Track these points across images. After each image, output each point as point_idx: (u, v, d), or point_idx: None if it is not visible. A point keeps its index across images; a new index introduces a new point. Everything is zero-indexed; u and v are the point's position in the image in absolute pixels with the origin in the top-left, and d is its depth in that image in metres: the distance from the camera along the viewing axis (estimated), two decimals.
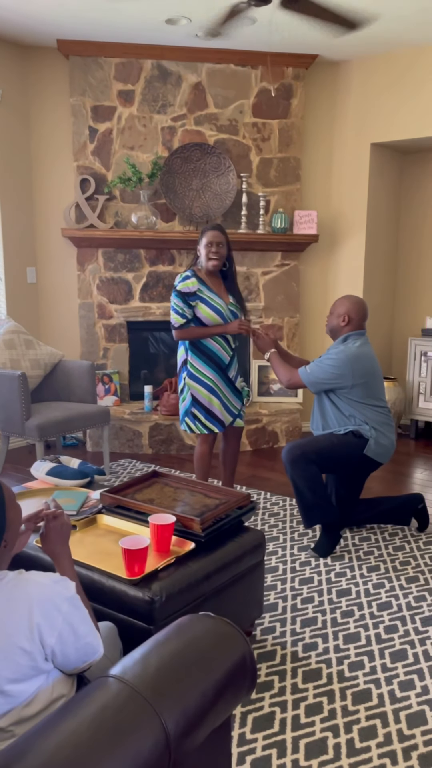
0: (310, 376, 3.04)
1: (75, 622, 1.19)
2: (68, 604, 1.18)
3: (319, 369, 3.02)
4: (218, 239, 3.19)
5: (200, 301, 3.19)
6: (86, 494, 2.38)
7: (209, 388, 3.24)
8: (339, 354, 3.00)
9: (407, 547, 3.12)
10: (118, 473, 4.12)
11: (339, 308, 3.11)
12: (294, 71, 4.63)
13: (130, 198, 4.60)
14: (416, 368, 4.93)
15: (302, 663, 2.21)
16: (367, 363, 3.03)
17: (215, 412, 3.26)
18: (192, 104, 4.57)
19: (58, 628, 1.16)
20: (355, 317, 3.08)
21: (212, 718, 1.19)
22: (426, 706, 2.00)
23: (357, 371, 2.98)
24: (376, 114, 4.64)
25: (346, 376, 2.97)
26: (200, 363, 3.24)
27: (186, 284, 3.18)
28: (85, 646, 1.21)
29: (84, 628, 1.21)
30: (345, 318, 3.08)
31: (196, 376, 3.25)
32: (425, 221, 5.19)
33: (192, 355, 3.25)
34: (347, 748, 1.83)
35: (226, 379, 3.29)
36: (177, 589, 1.88)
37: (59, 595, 1.18)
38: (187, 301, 3.18)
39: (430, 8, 3.70)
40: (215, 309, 3.20)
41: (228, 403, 3.31)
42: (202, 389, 3.24)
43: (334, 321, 3.12)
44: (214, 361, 3.25)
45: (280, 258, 4.84)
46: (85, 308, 4.71)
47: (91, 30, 4.12)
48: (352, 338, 3.08)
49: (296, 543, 3.16)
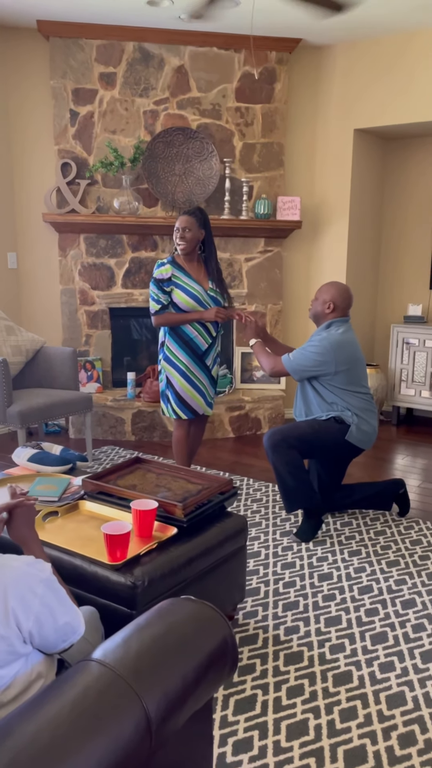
0: (293, 363, 3.04)
1: (52, 603, 1.19)
2: (44, 586, 1.18)
3: (302, 356, 3.02)
4: (184, 224, 3.18)
5: (176, 287, 3.20)
6: (68, 481, 2.37)
7: (182, 372, 3.26)
8: (322, 341, 3.00)
9: (388, 532, 3.15)
10: (101, 460, 4.11)
11: (324, 294, 3.11)
12: (277, 55, 4.59)
13: (112, 183, 4.56)
14: (398, 355, 4.95)
15: (284, 646, 2.23)
16: (350, 350, 3.03)
17: (185, 397, 3.28)
18: (174, 88, 4.52)
19: (34, 611, 1.15)
20: (340, 305, 3.09)
21: (193, 700, 1.20)
22: (405, 687, 2.03)
23: (340, 358, 2.99)
24: (360, 100, 4.62)
25: (329, 363, 2.98)
26: (176, 347, 3.25)
27: (160, 271, 3.21)
28: (65, 626, 1.21)
29: (62, 609, 1.21)
30: (330, 305, 3.08)
31: (171, 359, 3.27)
32: (407, 208, 5.20)
33: (169, 339, 3.28)
34: (328, 729, 1.85)
35: (202, 366, 3.30)
36: (159, 573, 1.88)
37: (34, 578, 1.17)
38: (161, 287, 3.20)
39: None
40: (191, 295, 3.20)
41: (204, 390, 3.32)
42: (175, 373, 3.26)
43: (319, 307, 3.12)
44: (190, 347, 3.26)
45: (263, 244, 4.83)
46: (67, 294, 4.66)
47: (72, 11, 4.05)
48: (335, 325, 3.09)
49: (279, 528, 3.18)
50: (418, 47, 4.32)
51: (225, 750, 1.76)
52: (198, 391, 3.30)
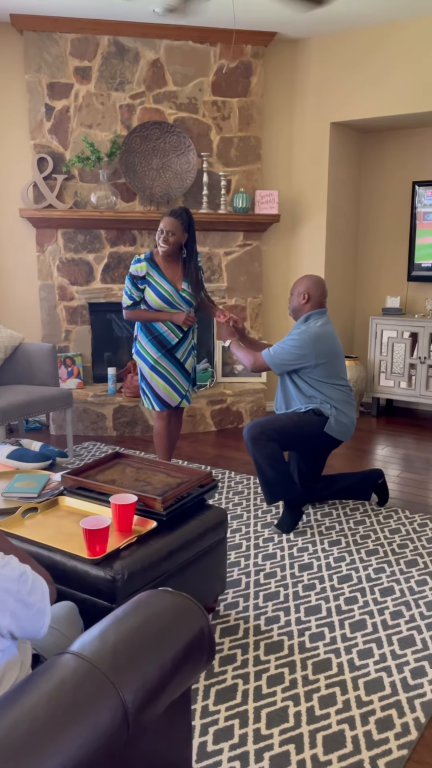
0: (274, 358, 3.07)
1: (25, 595, 1.20)
2: (16, 583, 1.19)
3: (283, 351, 3.04)
4: (169, 227, 3.16)
5: (148, 286, 3.23)
6: (47, 477, 2.38)
7: (151, 366, 3.31)
8: (301, 334, 3.03)
9: (368, 522, 3.19)
10: (82, 456, 4.11)
11: (299, 287, 3.14)
12: (253, 49, 4.60)
13: (89, 177, 4.54)
14: (377, 347, 5.00)
15: (264, 636, 2.26)
16: (329, 342, 3.06)
17: (157, 390, 3.32)
18: (150, 82, 4.50)
19: (10, 609, 1.17)
20: (314, 294, 3.12)
21: (171, 690, 1.22)
22: (383, 673, 2.07)
23: (319, 351, 3.01)
24: (336, 93, 4.64)
25: (309, 356, 3.00)
26: (146, 341, 3.30)
27: (136, 267, 3.24)
28: (38, 613, 1.23)
29: (33, 597, 1.22)
30: (305, 296, 3.11)
31: (141, 353, 3.33)
32: (384, 200, 5.23)
33: (140, 332, 3.34)
34: (307, 715, 1.88)
35: (172, 359, 3.32)
36: (139, 567, 1.89)
37: (7, 579, 1.19)
38: (135, 284, 3.23)
39: None
40: (161, 295, 3.23)
41: (176, 383, 3.35)
42: (145, 366, 3.33)
43: (295, 300, 3.16)
44: (160, 341, 3.29)
45: (242, 238, 4.84)
46: (45, 290, 4.64)
47: (46, 4, 4.01)
48: (313, 317, 3.12)
49: (259, 520, 3.21)
50: (393, 40, 4.35)
51: (206, 739, 1.79)
52: (169, 384, 3.33)
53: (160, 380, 3.31)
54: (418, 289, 5.14)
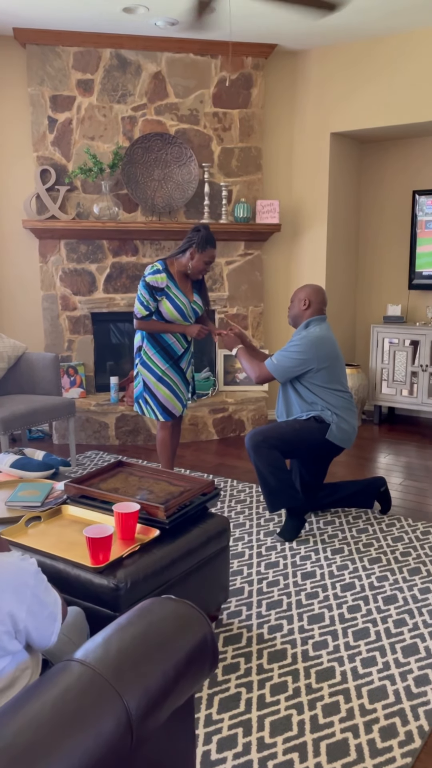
0: (277, 366, 3.07)
1: (40, 593, 1.23)
2: (34, 579, 1.22)
3: (285, 358, 3.06)
4: (215, 259, 3.29)
5: (166, 298, 3.22)
6: (51, 486, 2.39)
7: (158, 377, 3.31)
8: (302, 339, 3.05)
9: (370, 530, 3.19)
10: (85, 465, 4.12)
11: (299, 294, 3.18)
12: (253, 61, 4.64)
13: (91, 189, 4.57)
14: (379, 355, 5.01)
15: (267, 644, 2.26)
16: (329, 347, 3.08)
17: (163, 401, 3.32)
18: (152, 94, 4.55)
19: (27, 603, 1.19)
20: (314, 300, 3.15)
21: (174, 697, 1.22)
22: (387, 681, 2.07)
23: (321, 355, 3.03)
24: (336, 103, 4.68)
25: (311, 360, 3.02)
26: (153, 352, 3.29)
27: (156, 278, 3.20)
28: (50, 616, 1.25)
29: (48, 599, 1.25)
30: (306, 302, 3.15)
31: (148, 364, 3.31)
32: (384, 209, 5.26)
33: (147, 344, 3.31)
34: (311, 724, 1.88)
35: (177, 369, 3.35)
36: (142, 575, 1.90)
37: (26, 572, 1.21)
38: (153, 294, 3.20)
39: None
40: (178, 308, 3.25)
41: (179, 393, 3.37)
42: (152, 378, 3.31)
43: (296, 307, 3.19)
44: (168, 352, 3.31)
45: (243, 247, 4.87)
46: (48, 300, 4.67)
47: (48, 18, 4.06)
48: (313, 323, 3.14)
49: (262, 528, 3.21)
50: (393, 51, 4.39)
51: (209, 748, 1.79)
52: (174, 394, 3.35)
53: (167, 391, 3.32)
54: (419, 297, 5.16)
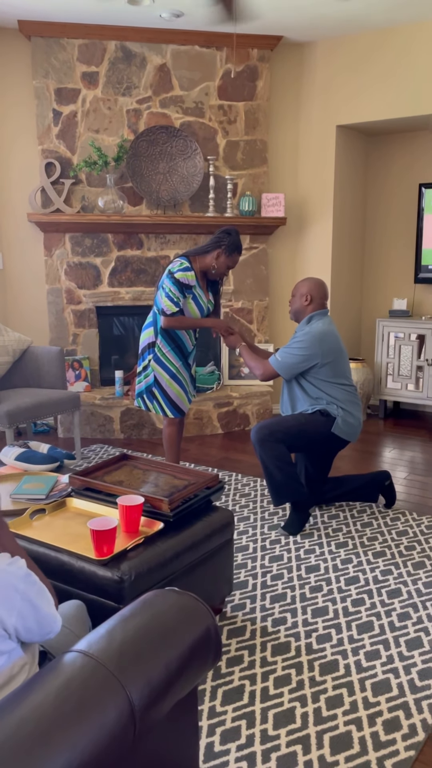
0: (282, 363, 3.07)
1: (32, 597, 1.21)
2: (23, 583, 1.20)
3: (289, 354, 3.05)
4: (236, 265, 3.31)
5: (191, 297, 3.23)
6: (55, 478, 2.39)
7: (172, 374, 3.31)
8: (306, 335, 3.04)
9: (375, 523, 3.19)
10: (90, 458, 4.13)
11: (301, 289, 3.17)
12: (259, 53, 4.61)
13: (96, 182, 4.56)
14: (384, 349, 5.00)
15: (271, 637, 2.26)
16: (333, 341, 3.08)
17: (173, 398, 3.33)
18: (157, 86, 4.53)
19: (17, 608, 1.18)
20: (316, 295, 3.14)
21: (177, 689, 1.22)
22: (391, 675, 2.07)
23: (325, 349, 3.03)
24: (342, 96, 4.65)
25: (315, 355, 3.01)
26: (168, 349, 3.28)
27: (186, 275, 3.18)
28: (47, 617, 1.24)
29: (42, 602, 1.23)
30: (307, 297, 3.14)
31: (162, 361, 3.29)
32: (391, 202, 5.24)
33: (161, 340, 3.28)
34: (314, 716, 1.88)
35: (186, 365, 3.38)
36: (146, 568, 1.90)
37: (14, 576, 1.20)
38: (183, 291, 3.19)
39: None
40: (200, 307, 3.29)
41: (188, 389, 3.40)
42: (165, 374, 3.30)
43: (297, 302, 3.18)
44: (180, 348, 3.32)
45: (248, 241, 4.85)
46: (53, 294, 4.67)
47: (53, 10, 4.05)
48: (315, 318, 3.14)
49: (266, 522, 3.21)
50: (399, 43, 4.36)
51: (213, 739, 1.79)
52: (185, 391, 3.37)
53: (179, 388, 3.33)
54: (425, 291, 5.14)
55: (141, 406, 3.40)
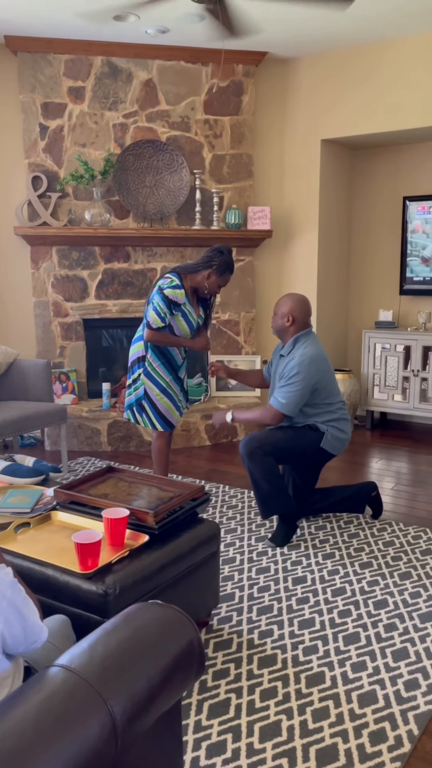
0: (288, 405, 3.00)
1: (19, 604, 1.22)
2: (10, 589, 1.21)
3: (291, 393, 2.99)
4: (227, 284, 3.32)
5: (180, 314, 3.23)
6: (41, 492, 2.38)
7: (162, 388, 3.31)
8: (300, 366, 2.98)
9: (361, 534, 3.19)
10: (77, 471, 4.11)
11: (282, 308, 3.12)
12: (244, 68, 4.67)
13: (83, 195, 4.59)
14: (371, 360, 5.03)
15: (258, 650, 2.26)
16: (322, 363, 3.05)
17: (163, 411, 3.32)
18: (143, 101, 4.57)
19: (3, 613, 1.18)
20: (298, 316, 3.10)
21: (160, 702, 1.22)
22: (377, 686, 2.07)
23: (320, 372, 3.01)
24: (326, 110, 4.71)
25: (313, 381, 3.00)
26: (159, 364, 3.29)
27: (175, 293, 3.17)
28: (33, 626, 1.24)
29: (28, 610, 1.23)
30: (289, 318, 3.10)
31: (152, 375, 3.29)
32: (375, 215, 5.29)
33: (152, 354, 3.29)
34: (300, 729, 1.88)
35: (177, 379, 3.38)
36: (131, 581, 1.90)
37: (2, 582, 1.20)
38: (171, 308, 3.20)
39: (375, 5, 3.78)
40: (190, 323, 3.29)
41: (179, 403, 3.40)
42: (155, 389, 3.30)
43: (279, 321, 3.13)
44: (170, 362, 3.33)
45: (235, 254, 4.88)
46: (40, 306, 4.67)
47: (40, 26, 4.08)
48: (302, 340, 3.10)
49: (253, 534, 3.21)
50: (383, 59, 4.42)
51: (199, 754, 1.78)
52: (175, 405, 3.36)
53: (169, 402, 3.33)
54: (411, 303, 5.18)
55: (130, 419, 3.40)
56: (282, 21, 3.96)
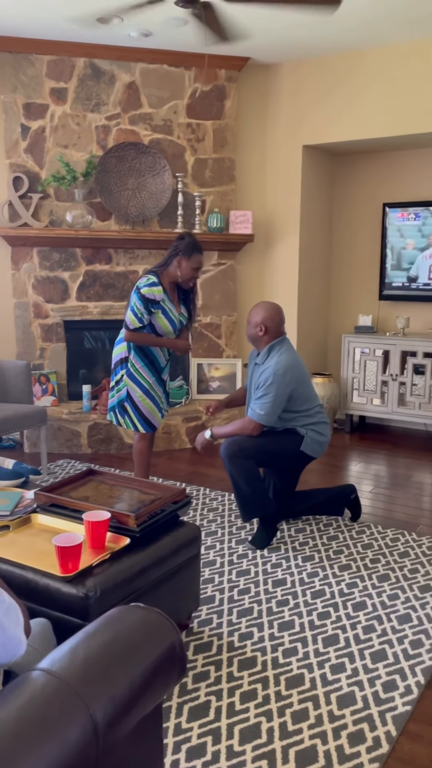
0: (265, 416, 3.01)
1: (0, 615, 1.20)
2: None
3: (268, 404, 2.99)
4: (203, 265, 3.28)
5: (161, 311, 3.22)
6: (20, 494, 2.37)
7: (145, 390, 3.31)
8: (275, 377, 2.98)
9: (341, 537, 3.22)
10: (57, 473, 4.09)
11: (254, 317, 3.12)
12: (227, 73, 4.69)
13: (64, 197, 4.57)
14: (350, 364, 5.07)
15: (238, 652, 2.27)
16: (296, 370, 3.07)
17: (145, 413, 3.32)
18: (126, 104, 4.57)
19: None
20: (271, 325, 3.10)
21: (141, 705, 1.22)
22: (356, 687, 2.09)
23: (291, 382, 3.03)
24: (307, 117, 4.75)
25: (288, 389, 3.01)
26: (141, 365, 3.28)
27: (152, 291, 3.17)
28: (12, 638, 1.22)
29: (9, 621, 1.22)
30: (261, 328, 3.10)
31: (135, 376, 3.29)
32: (356, 221, 5.34)
33: (135, 356, 3.29)
34: (280, 731, 1.89)
35: (160, 381, 3.38)
36: (111, 584, 1.90)
37: None
38: (148, 307, 3.19)
39: (357, 13, 3.82)
40: (171, 321, 3.27)
41: (161, 404, 3.40)
42: (138, 390, 3.29)
43: (252, 331, 3.14)
44: (154, 364, 3.32)
45: (216, 257, 4.90)
46: (20, 308, 4.64)
47: (22, 26, 4.06)
48: (276, 348, 3.10)
49: (234, 536, 3.22)
50: (364, 66, 4.47)
51: (178, 757, 1.78)
52: (157, 407, 3.36)
53: (151, 404, 3.33)
54: (389, 308, 5.24)
55: (113, 421, 3.39)
56: (267, 26, 3.99)
